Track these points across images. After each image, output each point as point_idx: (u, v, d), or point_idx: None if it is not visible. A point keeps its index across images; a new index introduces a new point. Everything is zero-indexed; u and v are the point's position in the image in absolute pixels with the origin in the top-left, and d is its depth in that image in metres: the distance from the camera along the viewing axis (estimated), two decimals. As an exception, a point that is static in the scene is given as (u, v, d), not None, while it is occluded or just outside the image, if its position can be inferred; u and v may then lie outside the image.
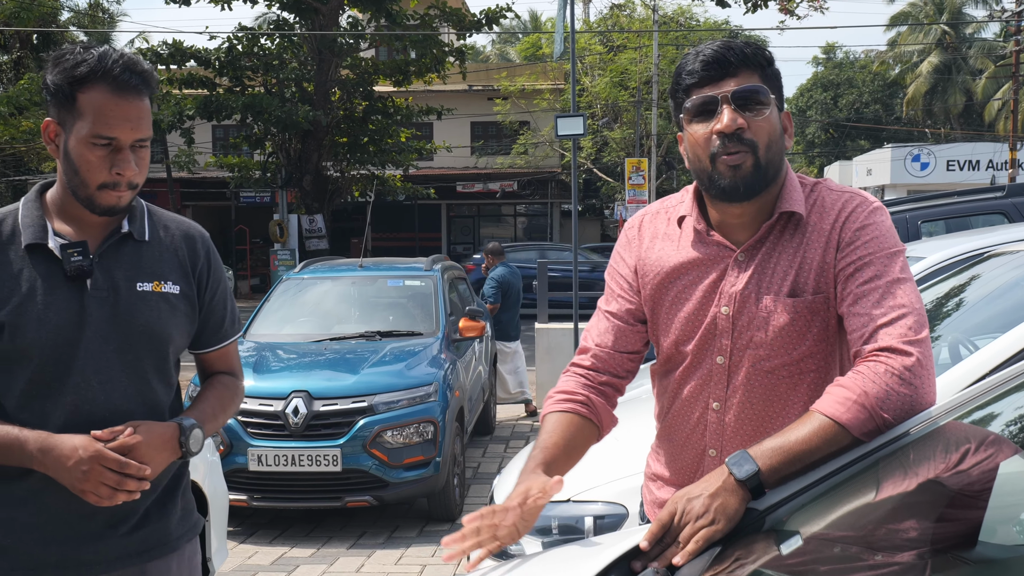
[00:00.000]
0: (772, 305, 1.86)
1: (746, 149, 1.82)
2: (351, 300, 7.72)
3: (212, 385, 2.20)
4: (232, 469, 5.96)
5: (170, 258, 2.08)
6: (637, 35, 31.50)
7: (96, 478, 1.84)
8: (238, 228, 28.92)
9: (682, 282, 1.96)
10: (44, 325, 1.90)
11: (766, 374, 1.89)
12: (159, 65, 20.90)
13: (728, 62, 1.83)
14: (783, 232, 1.89)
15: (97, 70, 1.90)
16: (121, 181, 1.93)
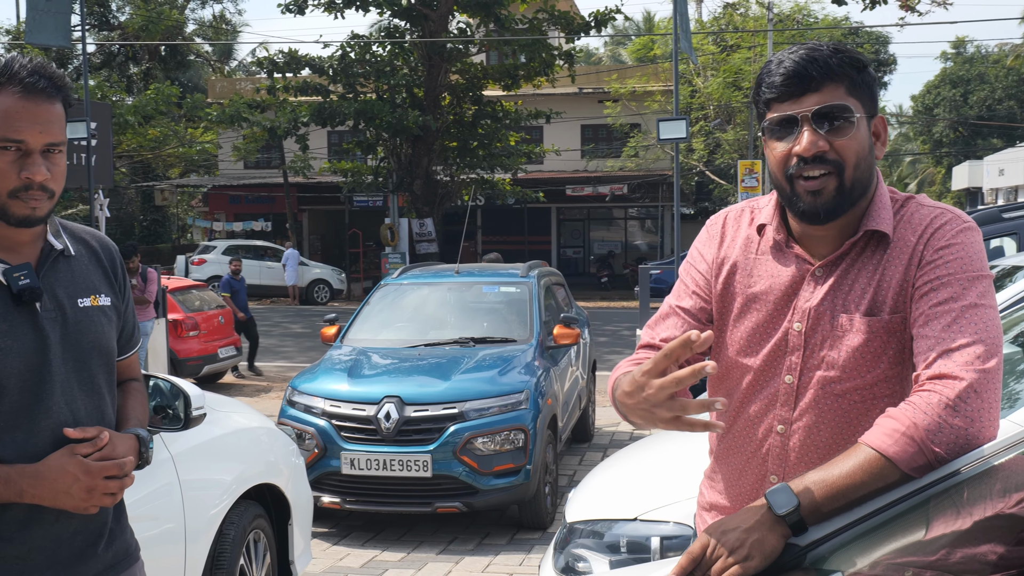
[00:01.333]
0: (847, 324, 1.76)
1: (829, 170, 1.71)
2: (447, 306, 7.77)
3: (131, 393, 2.18)
4: (326, 472, 6.08)
5: (96, 271, 2.07)
6: (751, 34, 30.87)
7: (101, 491, 1.87)
8: (351, 231, 29.53)
9: (754, 291, 1.86)
10: (12, 353, 1.86)
11: (836, 397, 1.77)
12: (275, 73, 21.55)
13: (810, 76, 1.70)
14: (865, 248, 1.78)
15: (3, 74, 1.85)
16: (32, 185, 1.85)
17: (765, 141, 1.80)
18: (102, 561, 2.02)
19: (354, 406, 6.15)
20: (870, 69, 1.76)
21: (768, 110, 1.75)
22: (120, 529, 2.09)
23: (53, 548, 1.92)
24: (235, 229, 31.72)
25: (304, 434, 6.17)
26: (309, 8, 21.69)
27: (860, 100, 1.73)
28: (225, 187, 31.70)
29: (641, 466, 3.69)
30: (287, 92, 21.63)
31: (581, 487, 3.72)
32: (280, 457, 4.17)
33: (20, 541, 1.87)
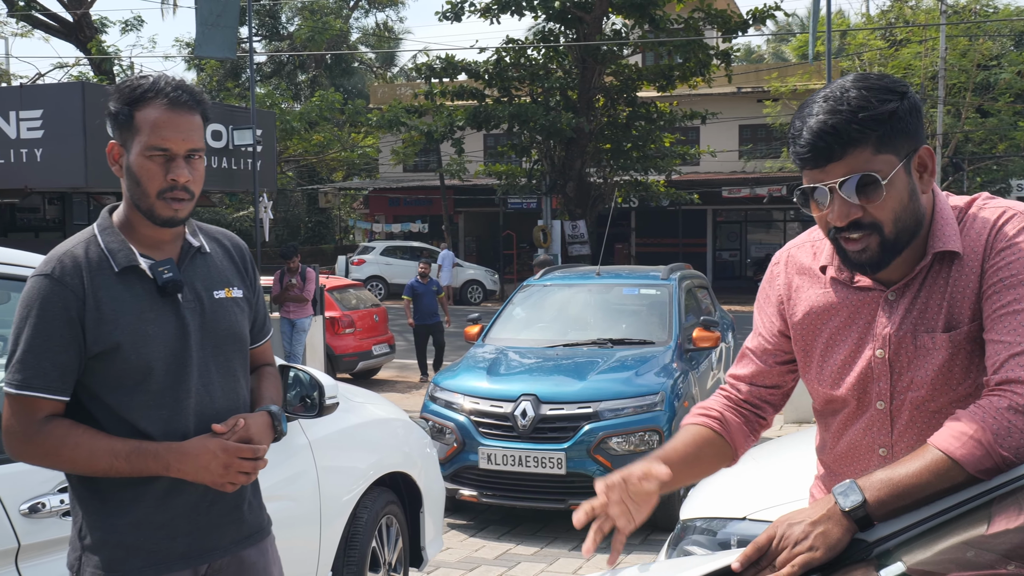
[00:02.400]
0: (930, 343, 1.75)
1: (868, 232, 1.70)
2: (587, 307, 7.86)
3: (265, 376, 2.40)
4: (464, 466, 6.28)
5: (230, 266, 2.29)
6: (922, 28, 29.54)
7: (236, 469, 2.09)
8: (505, 233, 29.98)
9: (831, 326, 1.87)
10: (158, 339, 2.09)
11: (932, 415, 1.77)
12: (433, 78, 22.14)
13: (830, 150, 1.66)
14: (932, 266, 1.77)
15: (151, 90, 2.09)
16: (176, 185, 2.09)
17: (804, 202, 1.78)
18: (238, 532, 2.23)
19: (492, 403, 6.33)
20: (904, 104, 1.67)
21: (800, 166, 1.74)
22: (256, 505, 2.31)
23: (193, 516, 2.14)
24: (394, 230, 32.73)
25: (444, 428, 6.40)
26: (466, 15, 22.17)
27: (894, 150, 1.68)
28: (385, 190, 32.75)
29: (757, 470, 3.70)
30: (444, 97, 22.18)
31: (699, 487, 3.75)
32: (414, 448, 4.37)
33: (164, 509, 2.11)
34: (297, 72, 36.31)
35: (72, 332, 2.04)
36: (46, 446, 2.03)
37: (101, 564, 2.08)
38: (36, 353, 2.03)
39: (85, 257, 2.09)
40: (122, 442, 2.04)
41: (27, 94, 11.54)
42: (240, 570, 2.24)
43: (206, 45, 10.22)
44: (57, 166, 10.93)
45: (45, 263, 2.09)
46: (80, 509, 2.12)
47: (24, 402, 2.03)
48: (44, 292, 2.04)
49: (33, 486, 2.41)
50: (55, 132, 10.90)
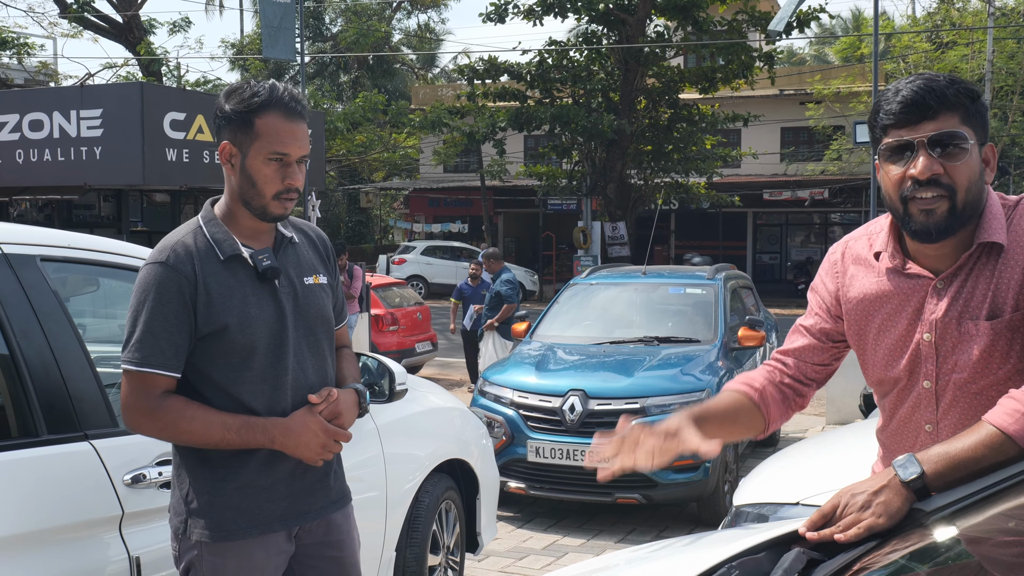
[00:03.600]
0: (973, 329, 1.89)
1: (943, 193, 1.83)
2: (633, 306, 7.98)
3: (345, 356, 2.60)
4: (513, 459, 6.43)
5: (315, 255, 2.50)
6: (969, 30, 29.25)
7: (328, 447, 2.33)
8: (545, 234, 30.10)
9: (884, 311, 2.01)
10: (260, 321, 2.29)
11: (974, 396, 1.92)
12: (475, 80, 22.34)
13: (927, 105, 1.82)
14: (979, 258, 1.91)
15: (271, 100, 2.27)
16: (291, 188, 2.30)
17: (881, 164, 1.92)
18: (327, 497, 2.45)
19: (541, 397, 6.48)
20: (982, 99, 1.88)
21: (885, 135, 1.88)
22: (340, 474, 2.53)
23: (290, 482, 2.36)
24: (433, 231, 32.99)
25: (493, 422, 6.55)
26: (509, 16, 22.34)
27: (973, 128, 1.84)
28: (425, 190, 33.01)
29: (810, 458, 3.81)
30: (486, 98, 22.36)
31: (751, 476, 3.87)
32: (471, 437, 4.53)
33: (266, 475, 2.32)
34: (340, 73, 36.73)
35: (186, 314, 2.24)
36: (165, 420, 2.23)
37: (209, 525, 2.28)
38: (154, 333, 2.23)
39: (195, 246, 2.29)
40: (233, 417, 2.25)
41: (87, 94, 11.87)
42: (328, 531, 2.45)
43: (272, 47, 10.53)
44: (115, 164, 11.24)
45: (159, 252, 2.29)
46: (188, 476, 2.32)
47: (143, 379, 2.23)
48: (160, 278, 2.24)
49: (135, 458, 2.59)
50: (114, 131, 11.20)
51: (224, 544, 2.29)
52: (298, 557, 2.44)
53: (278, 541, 2.36)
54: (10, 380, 2.44)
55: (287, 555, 2.40)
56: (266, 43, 10.72)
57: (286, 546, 2.38)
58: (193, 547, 2.30)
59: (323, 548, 2.45)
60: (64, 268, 2.75)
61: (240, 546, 2.30)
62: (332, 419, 2.35)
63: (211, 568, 2.29)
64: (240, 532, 2.29)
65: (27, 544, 2.30)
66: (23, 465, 2.37)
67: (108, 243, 2.92)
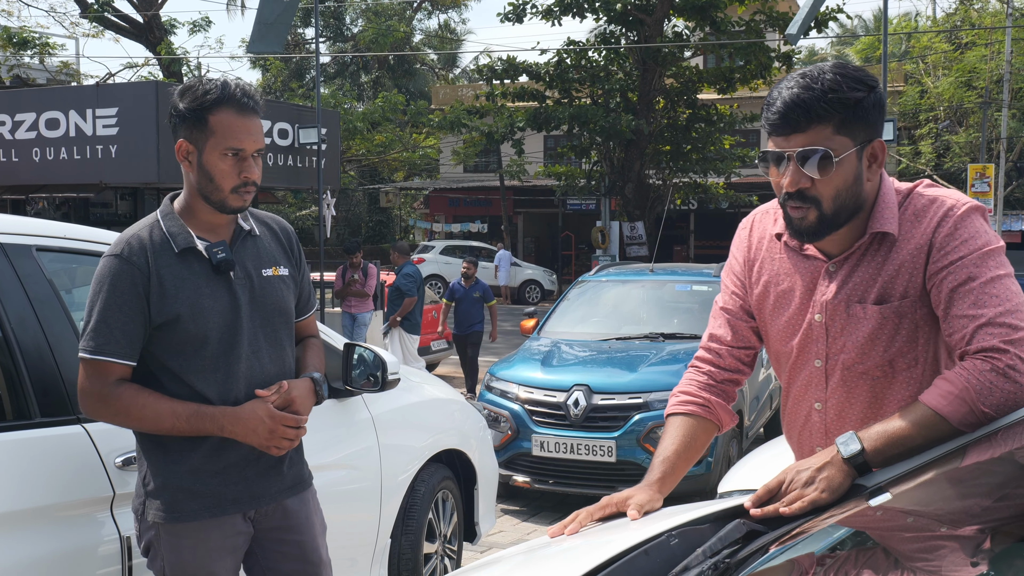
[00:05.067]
0: (861, 312, 1.96)
1: (809, 205, 1.89)
2: (640, 303, 8.03)
3: (309, 346, 2.67)
4: (518, 453, 6.50)
5: (277, 247, 2.57)
6: (988, 31, 29.03)
7: (280, 435, 2.38)
8: (564, 234, 30.16)
9: (781, 288, 2.09)
10: (213, 311, 2.37)
11: (859, 376, 2.00)
12: (494, 80, 22.39)
13: (797, 121, 1.84)
14: (871, 245, 1.97)
15: (223, 96, 2.34)
16: (248, 181, 2.38)
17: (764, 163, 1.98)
18: (283, 482, 2.52)
19: (546, 392, 6.54)
20: (870, 96, 1.85)
21: (768, 134, 1.93)
22: (298, 459, 2.59)
23: (242, 467, 2.44)
24: (453, 230, 33.09)
25: (499, 417, 6.61)
26: (527, 16, 22.39)
27: (851, 134, 1.86)
28: (445, 190, 33.13)
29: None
30: (505, 98, 22.42)
31: (738, 465, 3.91)
32: (469, 429, 4.58)
33: (217, 459, 2.40)
34: (360, 73, 36.91)
35: (139, 304, 2.33)
36: (117, 406, 2.33)
37: (163, 506, 2.37)
38: (108, 323, 2.31)
39: (149, 239, 2.38)
40: (183, 405, 2.33)
41: (103, 93, 12.03)
42: (284, 516, 2.52)
43: (259, 42, 10.62)
44: (131, 162, 11.40)
45: (115, 245, 2.38)
46: (145, 459, 2.42)
47: (98, 366, 2.32)
48: (115, 270, 2.33)
49: (125, 442, 2.66)
50: (129, 129, 11.36)
51: (179, 525, 2.37)
52: (259, 540, 2.52)
53: (234, 523, 2.43)
54: (5, 365, 2.53)
55: (246, 536, 2.48)
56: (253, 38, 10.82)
57: (243, 527, 2.46)
58: (151, 527, 2.39)
59: (282, 532, 2.53)
60: (59, 258, 2.83)
61: (195, 527, 2.38)
62: (284, 407, 2.41)
63: (168, 547, 2.38)
64: (192, 514, 2.38)
65: (22, 521, 2.38)
66: (18, 446, 2.45)
67: (102, 234, 3.00)
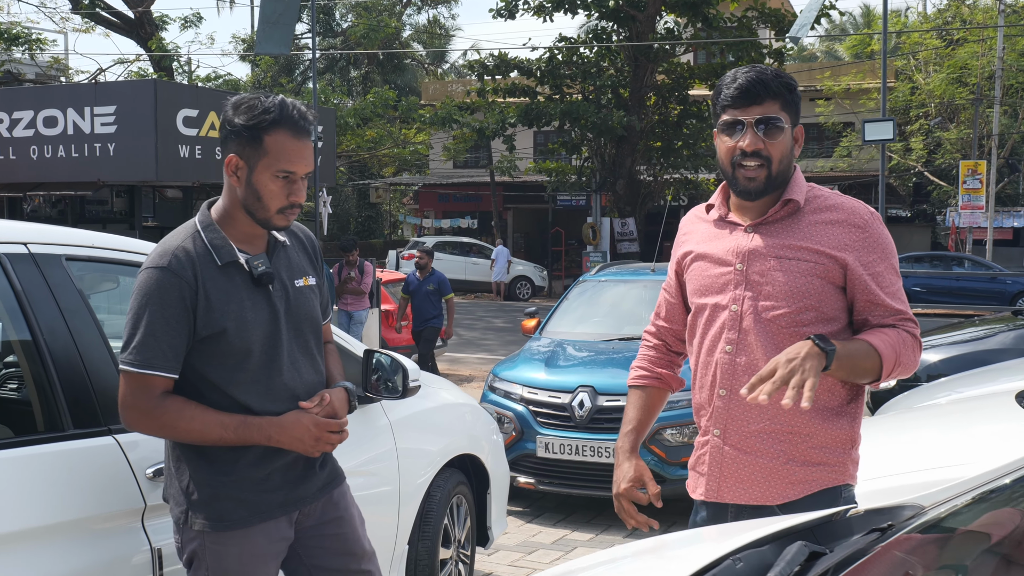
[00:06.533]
0: (777, 265, 2.33)
1: (762, 163, 2.31)
2: (642, 302, 8.02)
3: (330, 354, 2.72)
4: (522, 454, 6.50)
5: (303, 256, 2.61)
6: (980, 28, 29.14)
7: (325, 442, 2.44)
8: (554, 230, 30.15)
9: (702, 250, 2.47)
10: (255, 324, 2.39)
11: (768, 322, 2.33)
12: (485, 76, 22.39)
13: (756, 93, 2.30)
14: (782, 211, 2.38)
15: (281, 118, 2.33)
16: (295, 204, 2.42)
17: (718, 135, 2.39)
18: (320, 479, 2.57)
19: (550, 393, 6.54)
20: (797, 91, 2.37)
21: (723, 114, 2.35)
22: (330, 458, 2.64)
23: (284, 471, 2.47)
24: (443, 226, 33.06)
25: (503, 418, 6.61)
26: (519, 12, 22.38)
27: (789, 114, 2.34)
28: (434, 185, 33.09)
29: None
30: (496, 94, 22.41)
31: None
32: (482, 433, 4.59)
33: (261, 467, 2.43)
34: (350, 68, 36.81)
35: (186, 318, 2.32)
36: (163, 419, 2.33)
37: (210, 516, 2.38)
38: (156, 336, 2.30)
39: (194, 251, 2.37)
40: (229, 417, 2.35)
41: (101, 91, 11.97)
42: (326, 507, 2.58)
43: (265, 42, 10.59)
44: (129, 160, 11.35)
45: (159, 256, 2.36)
46: (188, 468, 2.41)
47: (143, 380, 2.32)
48: (162, 282, 2.32)
49: (156, 453, 2.66)
50: (127, 127, 11.31)
51: (226, 533, 2.38)
52: (299, 540, 2.55)
53: (279, 527, 2.47)
54: (37, 376, 2.52)
55: (287, 541, 2.51)
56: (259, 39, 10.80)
57: (287, 532, 2.50)
58: (195, 537, 2.40)
59: (322, 527, 2.57)
60: (88, 267, 2.82)
61: (242, 534, 2.40)
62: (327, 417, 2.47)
63: (214, 556, 2.39)
64: (241, 521, 2.40)
65: (53, 535, 2.37)
66: (49, 458, 2.44)
67: (130, 243, 3.00)
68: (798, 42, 11.25)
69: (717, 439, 2.41)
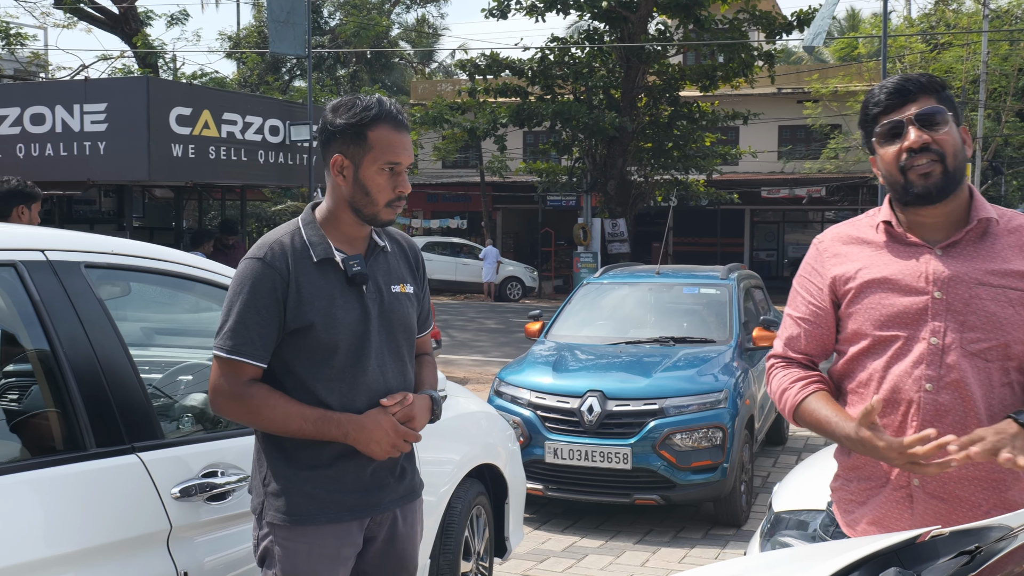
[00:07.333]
0: (983, 292, 2.10)
1: (935, 157, 2.11)
2: (647, 306, 7.94)
3: (425, 364, 2.72)
4: (530, 460, 6.37)
5: (404, 264, 2.61)
6: (965, 32, 29.27)
7: (398, 446, 2.43)
8: (544, 230, 30.07)
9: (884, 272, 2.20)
10: (344, 322, 2.40)
11: (975, 355, 2.10)
12: (476, 75, 22.26)
13: (908, 91, 2.15)
14: (976, 230, 2.16)
15: (381, 113, 2.39)
16: (402, 195, 2.44)
17: (877, 148, 2.19)
18: (395, 491, 2.53)
19: (559, 398, 6.43)
20: (949, 91, 2.19)
21: (876, 124, 2.18)
22: (411, 469, 2.61)
23: (358, 474, 2.44)
24: (432, 226, 32.91)
25: (511, 423, 6.49)
26: (511, 12, 22.28)
27: (950, 108, 2.15)
28: (424, 185, 32.91)
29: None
30: (487, 94, 22.29)
31: (786, 481, 3.84)
32: (499, 440, 4.47)
33: (336, 467, 2.43)
34: (337, 67, 36.59)
35: (277, 309, 2.37)
36: (249, 405, 2.36)
37: (282, 508, 2.40)
38: (246, 324, 2.36)
39: (291, 245, 2.42)
40: (311, 409, 2.37)
41: (91, 88, 11.75)
42: (393, 524, 2.54)
43: (279, 42, 10.47)
44: (120, 159, 11.13)
45: (258, 248, 2.43)
46: (266, 461, 2.44)
47: (232, 365, 2.37)
48: (257, 273, 2.38)
49: (182, 471, 2.54)
50: (119, 126, 11.10)
51: (296, 528, 2.39)
52: (364, 547, 2.53)
53: (350, 531, 2.45)
54: (56, 392, 2.38)
55: (356, 548, 2.49)
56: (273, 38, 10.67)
57: (357, 537, 2.48)
58: (268, 531, 2.41)
59: (388, 541, 2.55)
60: (108, 275, 2.69)
61: (312, 532, 2.40)
62: (405, 421, 2.44)
63: (283, 551, 2.39)
64: (310, 518, 2.39)
65: (75, 563, 2.24)
66: (71, 481, 2.31)
67: (152, 249, 2.87)
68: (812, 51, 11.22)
69: (917, 488, 2.14)
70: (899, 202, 2.19)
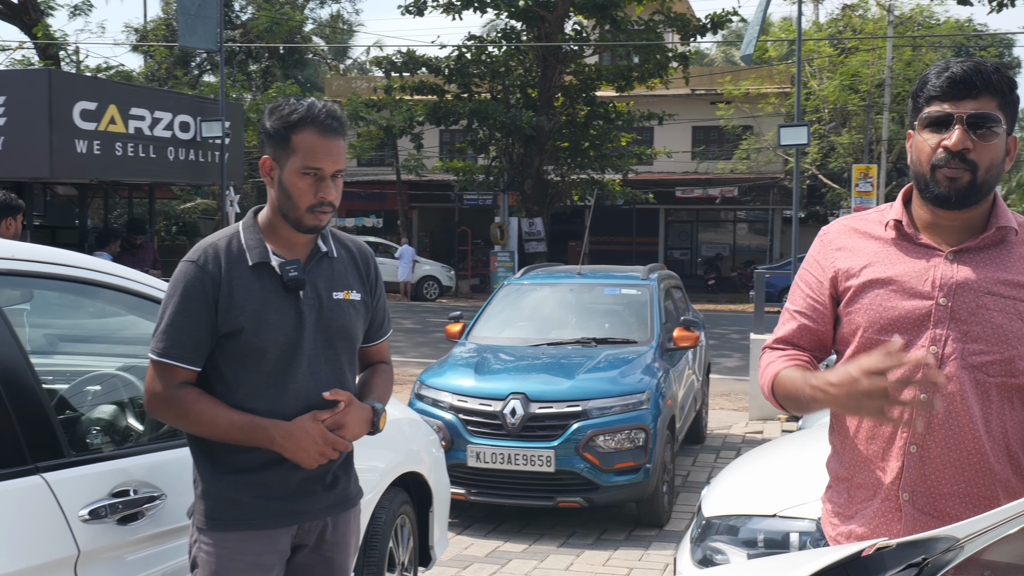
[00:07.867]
0: (991, 303, 1.97)
1: (966, 168, 1.94)
2: (569, 306, 7.90)
3: (378, 372, 2.67)
4: (452, 464, 6.26)
5: (352, 271, 2.56)
6: (870, 38, 30.12)
7: (326, 454, 2.37)
8: (460, 229, 29.95)
9: (889, 271, 2.06)
10: (275, 327, 2.37)
11: (974, 368, 1.98)
12: (392, 72, 22.03)
13: (972, 84, 1.93)
14: (993, 238, 2.03)
15: (306, 117, 2.36)
16: (324, 202, 2.38)
17: (917, 131, 2.01)
18: (324, 500, 2.46)
19: (481, 401, 6.34)
20: (1018, 93, 1.98)
21: (927, 106, 1.98)
22: (345, 476, 2.54)
23: (285, 482, 2.41)
24: (347, 225, 32.45)
25: (432, 427, 6.38)
26: (428, 10, 22.11)
27: (1006, 116, 1.97)
28: (339, 183, 32.50)
29: (774, 466, 3.76)
30: (403, 92, 22.08)
31: (715, 484, 3.81)
32: (423, 446, 4.36)
33: (262, 474, 2.39)
34: (249, 62, 35.88)
35: (208, 312, 2.35)
36: (180, 409, 2.34)
37: (204, 511, 2.39)
38: (178, 327, 2.35)
39: (227, 249, 2.41)
40: (239, 415, 2.34)
41: (-11, 80, 11.24)
42: (323, 532, 2.49)
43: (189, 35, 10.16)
44: (19, 155, 10.65)
45: (193, 252, 2.41)
46: (196, 465, 2.44)
47: (165, 368, 2.36)
48: (189, 276, 2.37)
49: (90, 491, 2.38)
50: (19, 120, 10.62)
51: (218, 533, 2.36)
52: (291, 558, 2.48)
53: (274, 538, 2.40)
54: (-50, 406, 2.20)
55: (283, 556, 2.43)
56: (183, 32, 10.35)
57: (283, 545, 2.42)
58: (195, 536, 2.40)
59: (316, 549, 2.50)
60: (5, 281, 2.50)
61: (235, 538, 2.36)
62: (335, 429, 2.38)
63: (206, 556, 2.37)
64: (232, 523, 2.36)
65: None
66: (-32, 501, 2.13)
67: (45, 252, 2.68)
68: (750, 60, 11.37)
69: (907, 503, 2.03)
70: (920, 195, 2.06)
